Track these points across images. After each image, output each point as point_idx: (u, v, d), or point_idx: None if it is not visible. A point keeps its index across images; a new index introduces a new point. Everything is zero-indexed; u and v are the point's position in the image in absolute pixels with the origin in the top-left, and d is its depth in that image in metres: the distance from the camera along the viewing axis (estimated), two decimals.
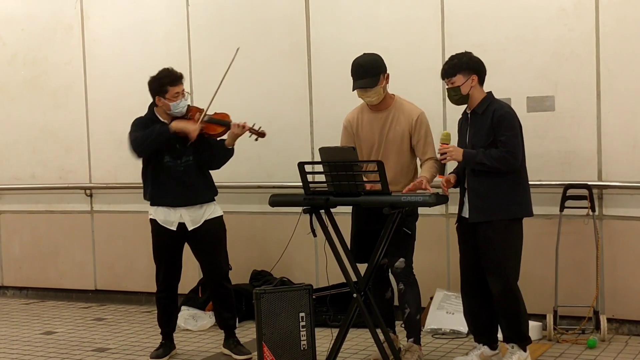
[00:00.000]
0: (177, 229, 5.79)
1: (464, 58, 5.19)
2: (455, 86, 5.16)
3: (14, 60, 8.45)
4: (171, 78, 5.73)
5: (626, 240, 6.06)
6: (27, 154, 8.45)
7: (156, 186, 5.80)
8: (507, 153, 5.01)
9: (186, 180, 5.78)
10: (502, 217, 5.08)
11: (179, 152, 5.77)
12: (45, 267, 8.45)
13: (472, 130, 5.21)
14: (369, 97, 5.42)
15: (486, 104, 5.15)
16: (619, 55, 6.00)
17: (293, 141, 7.10)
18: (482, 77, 5.22)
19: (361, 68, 5.37)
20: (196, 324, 6.83)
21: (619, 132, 6.03)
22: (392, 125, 5.44)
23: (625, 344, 5.90)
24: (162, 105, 5.76)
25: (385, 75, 5.43)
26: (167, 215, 5.80)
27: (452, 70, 5.18)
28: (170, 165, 5.76)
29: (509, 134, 5.04)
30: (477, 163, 5.06)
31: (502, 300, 5.13)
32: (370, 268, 5.07)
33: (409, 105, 5.51)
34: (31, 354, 6.25)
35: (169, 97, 5.72)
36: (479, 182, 5.12)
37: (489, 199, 5.09)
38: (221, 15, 7.44)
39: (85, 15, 8.04)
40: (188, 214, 5.79)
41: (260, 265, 7.19)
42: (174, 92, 5.72)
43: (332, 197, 5.01)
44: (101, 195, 8.11)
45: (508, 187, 5.10)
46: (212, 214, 5.89)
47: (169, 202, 5.78)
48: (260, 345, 5.16)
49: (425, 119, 5.47)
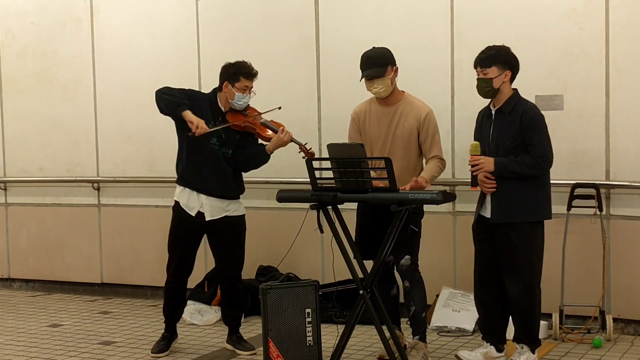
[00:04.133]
0: (195, 216, 5.78)
1: (502, 51, 5.12)
2: (488, 78, 5.09)
3: (23, 53, 8.46)
4: (248, 71, 5.77)
5: (633, 240, 6.05)
6: (35, 146, 8.47)
7: (190, 165, 5.78)
8: (539, 158, 4.98)
9: (221, 169, 5.78)
10: (525, 220, 5.06)
11: (224, 140, 5.77)
12: (52, 260, 8.47)
13: (496, 130, 5.15)
14: (375, 88, 5.40)
15: (513, 103, 5.09)
16: (628, 55, 5.99)
17: (301, 137, 7.05)
18: (515, 75, 5.16)
19: (369, 59, 5.40)
20: (202, 319, 6.84)
21: (628, 131, 6.01)
22: (401, 121, 5.43)
23: (631, 344, 5.89)
24: (227, 92, 5.76)
25: (394, 68, 5.43)
26: (189, 199, 5.79)
27: (488, 61, 5.09)
28: (215, 148, 5.75)
29: (540, 137, 5.00)
30: (511, 172, 5.02)
31: (519, 302, 5.12)
32: (377, 265, 5.07)
33: (418, 102, 5.50)
34: (37, 346, 6.26)
35: (237, 87, 5.73)
36: (504, 183, 5.07)
37: (514, 200, 5.05)
38: (230, 10, 7.44)
39: (95, 9, 8.05)
40: (209, 204, 5.78)
41: (267, 260, 7.19)
42: (245, 84, 5.75)
43: (339, 193, 5.01)
44: (108, 188, 8.12)
45: (533, 189, 5.06)
46: (235, 212, 5.88)
47: (197, 185, 5.77)
48: (266, 341, 5.16)
49: (433, 117, 5.46)
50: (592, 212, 6.00)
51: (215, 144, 5.75)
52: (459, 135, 6.44)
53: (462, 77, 6.39)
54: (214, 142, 5.74)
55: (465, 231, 5.67)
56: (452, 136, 6.51)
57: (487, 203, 5.17)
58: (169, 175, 7.42)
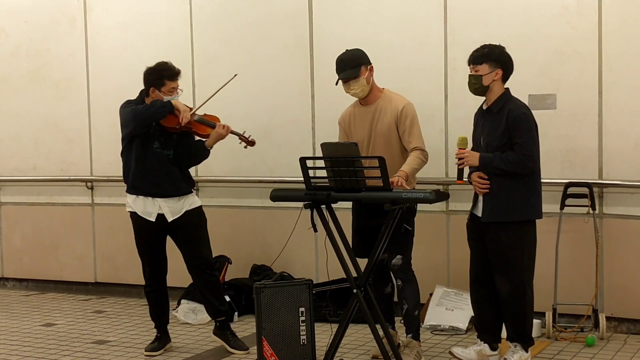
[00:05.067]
0: (155, 221, 5.81)
1: (495, 50, 5.14)
2: (478, 74, 5.11)
3: (17, 51, 8.45)
4: (170, 72, 5.77)
5: (626, 239, 6.06)
6: (29, 145, 8.46)
7: (140, 172, 5.80)
8: (523, 157, 4.98)
9: (168, 170, 5.80)
10: (516, 219, 5.06)
11: (163, 143, 5.79)
12: (45, 259, 8.46)
13: (486, 129, 5.17)
14: (352, 90, 5.45)
15: (502, 102, 5.10)
16: (621, 54, 6.00)
17: (295, 136, 7.10)
18: (507, 74, 5.17)
19: (342, 62, 5.45)
20: (196, 318, 6.83)
21: (621, 130, 6.03)
22: (380, 118, 5.46)
23: (623, 342, 5.90)
24: (154, 97, 5.76)
25: (369, 67, 5.45)
26: (146, 206, 5.82)
27: (480, 59, 5.12)
28: (158, 152, 5.77)
29: (526, 136, 5.00)
30: (495, 168, 5.03)
31: (510, 302, 5.12)
32: (371, 264, 5.07)
33: (397, 97, 5.52)
34: (31, 345, 6.26)
35: (164, 91, 5.74)
36: (495, 182, 5.07)
37: (505, 199, 5.05)
38: (224, 10, 7.43)
39: (89, 7, 8.04)
40: (167, 205, 5.81)
41: (261, 259, 7.19)
42: (171, 86, 5.75)
43: (333, 192, 5.01)
44: (102, 188, 8.11)
45: (524, 188, 5.06)
46: (192, 205, 5.91)
47: (150, 190, 5.79)
48: (260, 340, 5.17)
49: (411, 109, 5.46)
50: (585, 211, 6.01)
51: (158, 147, 5.77)
52: (452, 134, 6.44)
53: (456, 77, 6.40)
54: (157, 146, 5.77)
55: (459, 230, 5.68)
56: (446, 135, 6.52)
57: (479, 202, 5.19)
58: None
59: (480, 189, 5.11)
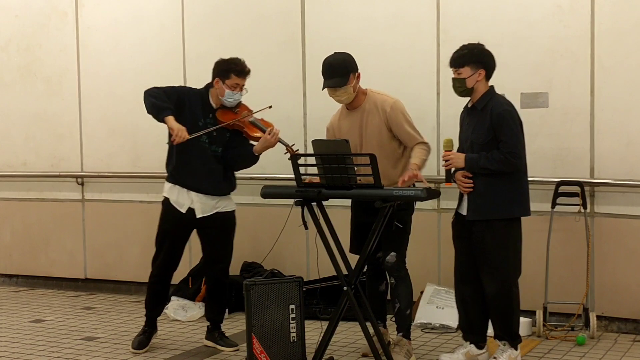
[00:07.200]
0: (186, 212, 5.76)
1: (475, 50, 5.11)
2: (461, 77, 5.10)
3: (7, 46, 8.41)
4: (239, 68, 5.72)
5: (617, 238, 6.07)
6: (19, 141, 8.42)
7: (180, 163, 5.75)
8: (508, 154, 4.96)
9: (211, 167, 5.76)
10: (500, 217, 5.04)
11: (214, 138, 5.75)
12: (35, 255, 8.43)
13: (470, 127, 5.16)
14: (338, 97, 5.42)
15: (486, 100, 5.09)
16: (613, 53, 6.01)
17: (286, 133, 7.03)
18: (490, 72, 5.14)
19: (331, 67, 5.38)
20: (186, 315, 6.82)
21: (612, 129, 6.03)
22: (368, 121, 5.44)
23: (614, 341, 5.91)
24: (217, 89, 5.73)
25: (356, 74, 5.42)
26: (179, 196, 5.77)
27: (460, 61, 5.09)
28: (205, 146, 5.73)
29: (510, 133, 4.98)
30: (480, 168, 5.01)
31: (496, 300, 5.11)
32: (361, 261, 5.06)
33: (381, 96, 5.49)
34: (20, 341, 6.23)
35: (228, 84, 5.70)
36: (479, 180, 5.06)
37: (489, 197, 5.04)
38: (216, 6, 7.41)
39: (80, 2, 8.01)
40: (200, 201, 5.76)
41: (251, 257, 7.18)
42: (235, 82, 5.70)
43: (324, 189, 5.00)
44: (93, 183, 8.09)
45: (509, 186, 5.04)
46: (225, 208, 5.86)
47: (187, 182, 5.74)
48: (250, 337, 5.15)
49: (399, 106, 5.44)
50: (577, 209, 6.01)
51: (205, 141, 5.73)
52: (444, 133, 6.42)
53: (448, 75, 6.28)
54: (203, 140, 5.72)
55: (450, 228, 5.67)
56: (438, 133, 6.52)
57: (464, 201, 5.18)
58: (154, 171, 7.43)
59: (464, 188, 5.10)
